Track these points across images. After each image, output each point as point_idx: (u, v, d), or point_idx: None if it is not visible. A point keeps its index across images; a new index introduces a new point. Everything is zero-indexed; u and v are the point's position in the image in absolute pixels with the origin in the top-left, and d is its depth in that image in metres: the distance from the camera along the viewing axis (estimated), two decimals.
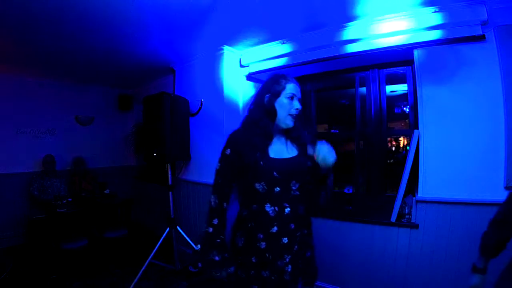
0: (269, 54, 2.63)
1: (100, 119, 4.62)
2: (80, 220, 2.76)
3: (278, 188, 1.22)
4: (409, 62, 2.32)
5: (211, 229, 1.25)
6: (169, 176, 2.96)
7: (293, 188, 1.26)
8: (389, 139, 2.70)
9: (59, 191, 3.57)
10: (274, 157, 1.25)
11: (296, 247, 1.27)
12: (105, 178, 4.32)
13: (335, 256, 2.27)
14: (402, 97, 2.65)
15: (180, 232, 2.90)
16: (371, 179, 2.55)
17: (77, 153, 4.10)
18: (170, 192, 2.95)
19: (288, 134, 1.33)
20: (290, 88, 1.29)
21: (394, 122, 2.82)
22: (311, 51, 2.40)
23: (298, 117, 1.30)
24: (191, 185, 3.23)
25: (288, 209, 1.24)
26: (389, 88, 2.62)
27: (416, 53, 2.04)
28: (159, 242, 2.78)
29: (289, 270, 1.25)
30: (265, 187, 1.22)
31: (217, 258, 1.22)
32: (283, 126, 1.29)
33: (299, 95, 1.31)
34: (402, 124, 2.76)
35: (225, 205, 1.27)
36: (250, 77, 2.95)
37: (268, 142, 1.27)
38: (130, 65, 3.35)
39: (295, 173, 1.26)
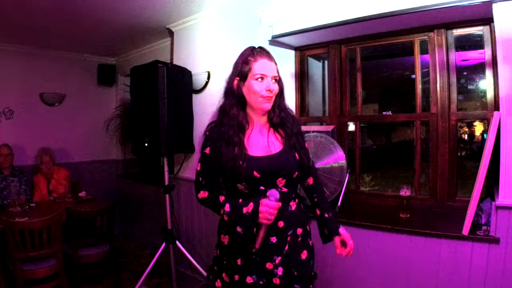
0: (298, 9, 2.54)
1: (73, 97, 4.41)
2: (47, 232, 2.59)
3: (262, 187, 1.33)
4: (487, 20, 2.18)
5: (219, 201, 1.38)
6: (166, 173, 2.86)
7: (280, 185, 1.36)
8: (460, 124, 2.58)
9: (18, 193, 3.41)
10: (254, 154, 1.35)
11: (287, 247, 1.37)
12: (80, 176, 4.15)
13: (385, 279, 2.19)
14: (478, 68, 2.52)
15: (180, 249, 2.80)
16: (435, 178, 2.46)
17: (42, 143, 3.89)
18: (167, 195, 2.86)
19: (271, 123, 1.42)
20: (258, 67, 1.33)
21: (467, 101, 2.73)
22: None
23: (277, 100, 1.38)
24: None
25: None
26: (460, 56, 2.48)
27: (496, 7, 1.90)
28: (152, 262, 2.69)
29: (279, 273, 1.35)
30: (247, 186, 1.34)
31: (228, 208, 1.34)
32: (259, 111, 1.38)
33: (272, 73, 1.35)
34: (478, 104, 2.66)
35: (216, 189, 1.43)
36: (275, 41, 2.81)
37: (243, 135, 1.36)
38: (114, 22, 3.18)
39: (279, 171, 1.35)
